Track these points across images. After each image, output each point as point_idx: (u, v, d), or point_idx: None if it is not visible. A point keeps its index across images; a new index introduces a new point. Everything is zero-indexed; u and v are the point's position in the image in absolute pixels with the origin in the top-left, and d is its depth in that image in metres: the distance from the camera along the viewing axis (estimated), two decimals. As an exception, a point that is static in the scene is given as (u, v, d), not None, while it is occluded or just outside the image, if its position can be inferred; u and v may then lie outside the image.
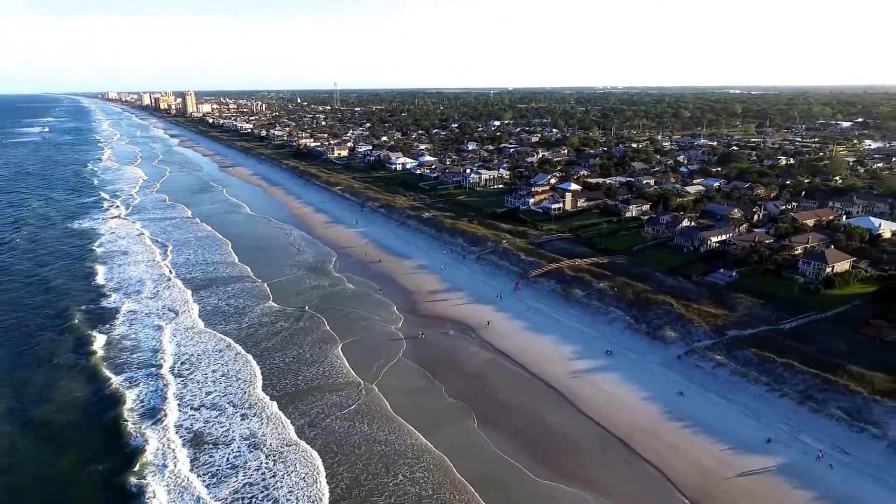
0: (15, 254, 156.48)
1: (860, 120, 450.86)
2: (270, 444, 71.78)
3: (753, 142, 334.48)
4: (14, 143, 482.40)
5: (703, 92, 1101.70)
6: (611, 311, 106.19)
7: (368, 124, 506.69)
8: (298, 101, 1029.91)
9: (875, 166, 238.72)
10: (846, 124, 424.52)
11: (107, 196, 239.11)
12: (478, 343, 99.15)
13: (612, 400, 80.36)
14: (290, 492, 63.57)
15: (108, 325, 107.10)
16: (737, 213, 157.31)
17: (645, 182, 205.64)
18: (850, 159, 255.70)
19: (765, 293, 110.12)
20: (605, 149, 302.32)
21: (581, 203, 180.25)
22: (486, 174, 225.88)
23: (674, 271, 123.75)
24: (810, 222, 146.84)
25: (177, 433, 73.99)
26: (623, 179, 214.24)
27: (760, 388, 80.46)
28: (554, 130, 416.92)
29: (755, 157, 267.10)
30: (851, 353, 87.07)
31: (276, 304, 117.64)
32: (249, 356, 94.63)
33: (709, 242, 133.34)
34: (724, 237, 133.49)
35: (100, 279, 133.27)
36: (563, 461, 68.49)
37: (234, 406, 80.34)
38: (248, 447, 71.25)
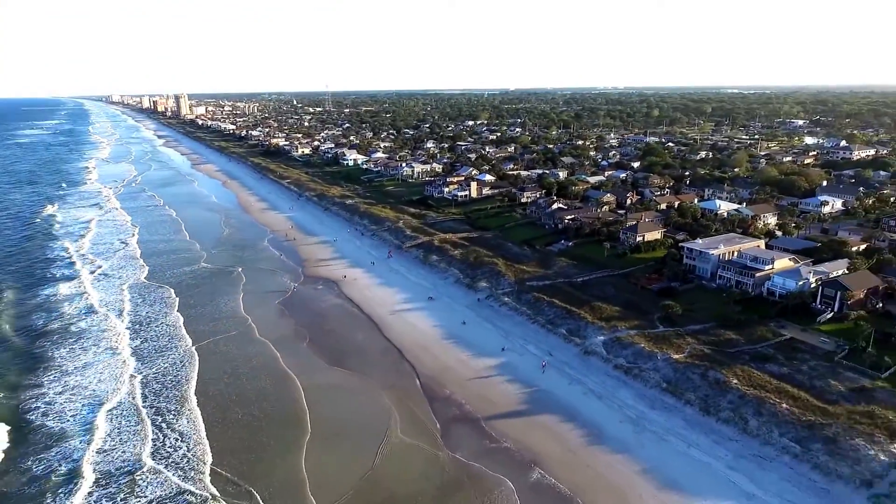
0: (33, 226, 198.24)
1: (816, 118, 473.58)
2: (174, 348, 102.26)
3: (698, 139, 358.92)
4: (18, 143, 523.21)
5: (698, 91, 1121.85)
6: (450, 270, 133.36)
7: (347, 125, 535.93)
8: (295, 103, 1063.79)
9: (785, 160, 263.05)
10: (800, 122, 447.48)
11: (101, 186, 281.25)
12: (335, 294, 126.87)
13: (410, 328, 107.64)
14: (177, 371, 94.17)
15: (91, 270, 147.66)
16: (609, 197, 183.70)
17: (556, 173, 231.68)
18: (763, 153, 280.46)
19: (584, 257, 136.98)
20: (547, 145, 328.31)
21: (486, 191, 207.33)
22: (418, 167, 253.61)
23: (525, 242, 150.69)
24: (664, 205, 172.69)
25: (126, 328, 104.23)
26: (540, 171, 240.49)
27: (523, 318, 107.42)
28: (518, 130, 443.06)
29: (681, 152, 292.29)
30: (613, 296, 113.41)
31: (207, 265, 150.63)
32: (177, 299, 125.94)
33: (563, 220, 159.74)
34: (574, 216, 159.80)
35: (87, 244, 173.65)
36: (352, 360, 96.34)
37: (157, 318, 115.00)
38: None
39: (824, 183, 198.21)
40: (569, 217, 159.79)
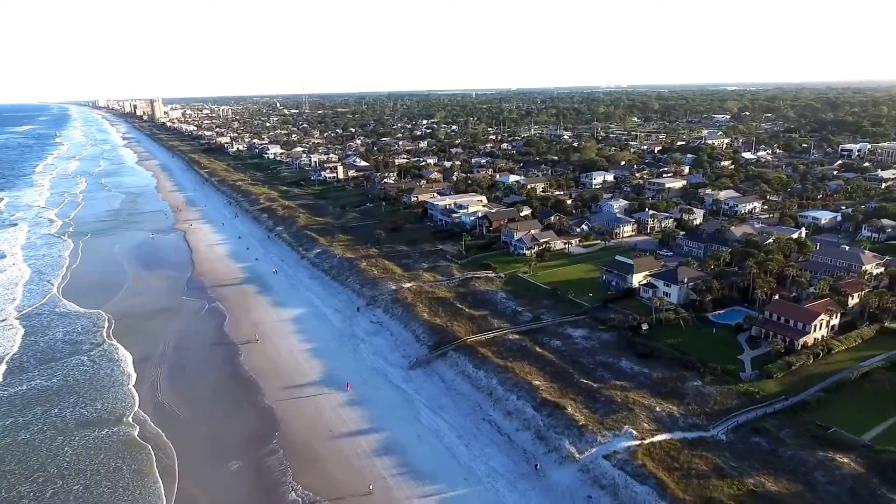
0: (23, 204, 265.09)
1: (739, 113, 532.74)
2: (76, 261, 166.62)
3: (598, 132, 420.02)
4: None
5: (694, 88, 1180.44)
6: (267, 222, 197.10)
7: (305, 125, 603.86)
8: (277, 105, 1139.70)
9: (643, 148, 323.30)
10: (720, 117, 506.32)
11: (65, 174, 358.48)
12: (179, 237, 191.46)
13: (211, 252, 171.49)
14: (70, 265, 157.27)
15: (53, 217, 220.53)
16: (437, 175, 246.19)
17: (423, 160, 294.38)
18: (630, 139, 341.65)
19: (371, 212, 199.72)
20: (455, 140, 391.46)
21: (352, 173, 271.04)
22: (315, 157, 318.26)
23: (342, 205, 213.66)
24: (474, 180, 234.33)
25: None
26: (422, 159, 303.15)
27: (285, 245, 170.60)
28: (454, 127, 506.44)
29: (568, 143, 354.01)
30: (361, 232, 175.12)
31: (117, 221, 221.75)
32: (89, 237, 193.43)
33: (379, 190, 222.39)
34: (383, 186, 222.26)
35: (55, 212, 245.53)
36: (163, 266, 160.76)
37: (77, 240, 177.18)
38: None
39: (623, 163, 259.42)
40: (379, 187, 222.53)
